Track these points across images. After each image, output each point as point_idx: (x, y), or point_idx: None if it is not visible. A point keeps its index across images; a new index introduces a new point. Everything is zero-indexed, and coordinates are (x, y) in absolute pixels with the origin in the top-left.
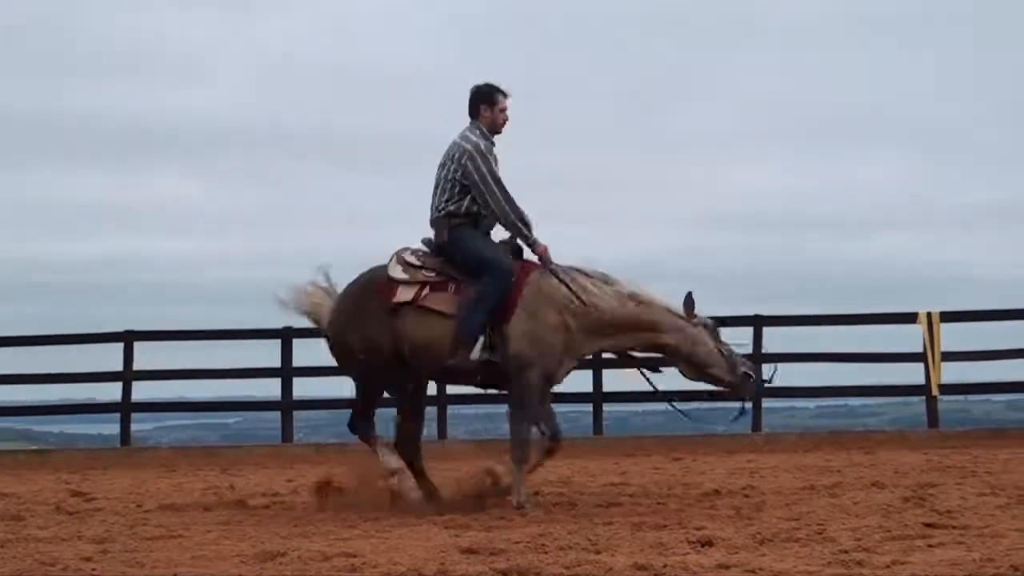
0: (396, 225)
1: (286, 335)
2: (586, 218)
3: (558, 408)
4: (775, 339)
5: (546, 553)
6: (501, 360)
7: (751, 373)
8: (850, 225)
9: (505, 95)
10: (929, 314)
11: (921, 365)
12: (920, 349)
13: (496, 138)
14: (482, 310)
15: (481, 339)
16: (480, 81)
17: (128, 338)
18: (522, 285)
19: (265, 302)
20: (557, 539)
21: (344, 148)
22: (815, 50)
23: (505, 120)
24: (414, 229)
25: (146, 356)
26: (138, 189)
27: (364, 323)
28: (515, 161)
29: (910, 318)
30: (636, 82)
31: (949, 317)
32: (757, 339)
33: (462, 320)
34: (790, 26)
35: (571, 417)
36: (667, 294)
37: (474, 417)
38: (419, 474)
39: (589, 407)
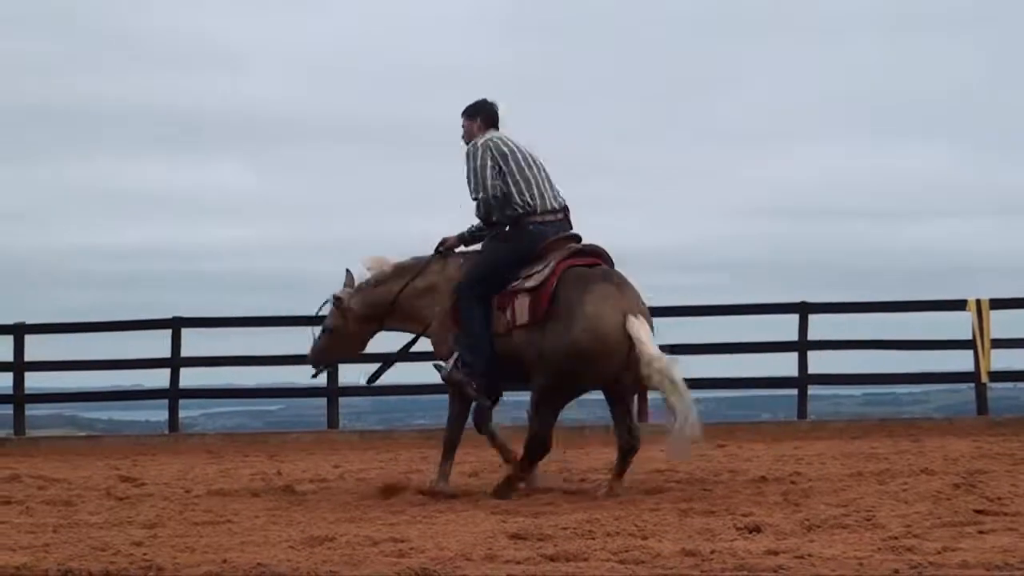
0: (444, 213)
1: None
2: (633, 207)
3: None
4: (821, 326)
5: (593, 539)
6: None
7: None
8: (898, 213)
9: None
10: (979, 301)
11: (968, 352)
12: (967, 336)
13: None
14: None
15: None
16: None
17: (176, 325)
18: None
19: (311, 289)
20: (604, 525)
21: (393, 137)
22: (857, 39)
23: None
24: (460, 216)
25: (193, 343)
26: (187, 178)
27: None
28: (570, 151)
29: (959, 305)
30: (681, 72)
31: (999, 304)
32: (803, 326)
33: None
34: (833, 16)
35: None
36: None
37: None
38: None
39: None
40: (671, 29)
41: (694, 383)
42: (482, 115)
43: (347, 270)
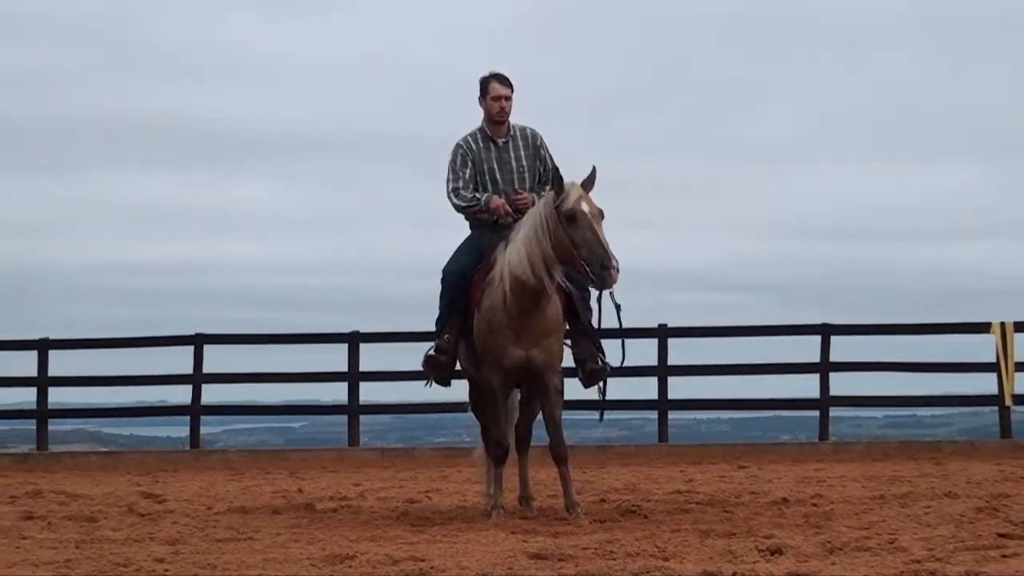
0: (464, 230)
1: (353, 339)
2: (655, 226)
3: (625, 414)
4: (844, 348)
5: (614, 559)
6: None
7: None
8: (922, 234)
9: (501, 83)
10: (1003, 324)
11: (991, 375)
12: (991, 359)
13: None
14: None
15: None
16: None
17: (198, 341)
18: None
19: (335, 308)
20: (625, 545)
21: (415, 153)
22: (884, 56)
23: (499, 109)
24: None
25: (215, 359)
26: (210, 193)
27: None
28: (590, 166)
29: (983, 328)
30: (704, 89)
31: None
32: (825, 348)
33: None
34: (859, 31)
35: (636, 424)
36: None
37: None
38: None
39: (655, 414)
40: (693, 44)
41: (716, 403)
42: None
43: None
